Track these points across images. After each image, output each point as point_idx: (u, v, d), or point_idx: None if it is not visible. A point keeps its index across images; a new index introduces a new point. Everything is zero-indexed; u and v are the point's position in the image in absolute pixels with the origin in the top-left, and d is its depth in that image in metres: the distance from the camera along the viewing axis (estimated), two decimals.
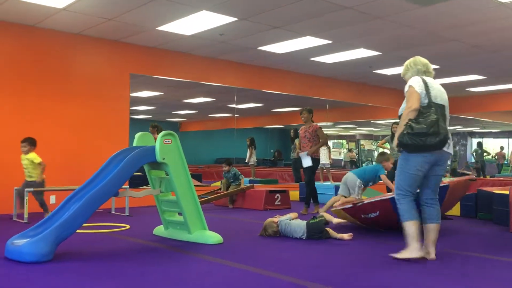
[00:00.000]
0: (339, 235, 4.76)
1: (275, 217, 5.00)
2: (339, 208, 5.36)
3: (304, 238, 4.75)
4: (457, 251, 4.20)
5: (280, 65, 9.36)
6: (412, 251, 3.63)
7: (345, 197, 6.08)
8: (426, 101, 3.67)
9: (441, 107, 3.72)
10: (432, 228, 3.73)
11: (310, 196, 7.02)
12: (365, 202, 5.04)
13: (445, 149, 3.66)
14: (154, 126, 8.45)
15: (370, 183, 6.20)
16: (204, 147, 15.08)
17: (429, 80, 3.81)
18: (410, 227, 3.66)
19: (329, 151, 9.55)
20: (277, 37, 7.29)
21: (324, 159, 9.33)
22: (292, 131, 11.13)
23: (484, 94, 12.37)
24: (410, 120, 3.61)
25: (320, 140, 6.92)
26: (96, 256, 3.93)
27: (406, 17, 6.22)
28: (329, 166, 9.72)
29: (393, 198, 4.85)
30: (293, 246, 4.44)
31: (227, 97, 10.55)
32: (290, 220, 4.92)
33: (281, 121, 14.71)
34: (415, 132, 3.55)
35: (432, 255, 3.69)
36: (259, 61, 9.06)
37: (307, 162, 6.87)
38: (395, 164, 8.07)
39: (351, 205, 5.17)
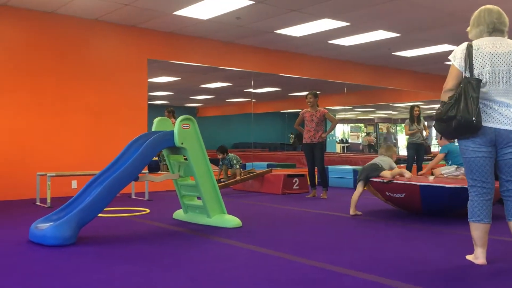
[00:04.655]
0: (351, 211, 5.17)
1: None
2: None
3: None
4: None
5: (297, 48, 9.28)
6: (475, 256, 3.15)
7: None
8: (468, 75, 3.02)
9: (493, 74, 2.99)
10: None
11: (323, 180, 7.06)
12: (394, 181, 5.03)
13: (487, 125, 2.99)
14: (170, 110, 8.76)
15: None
16: (221, 132, 15.09)
17: (484, 41, 3.07)
18: (471, 229, 3.12)
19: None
20: (294, 20, 7.21)
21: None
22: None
23: None
24: (441, 104, 3.05)
25: (332, 123, 7.06)
26: (118, 239, 4.00)
27: None
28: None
29: (423, 186, 4.84)
30: (312, 230, 4.45)
31: (244, 81, 10.51)
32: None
33: (298, 105, 14.63)
34: (438, 118, 3.06)
35: None
36: (276, 45, 8.99)
37: None
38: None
39: (380, 180, 5.16)
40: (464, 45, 3.11)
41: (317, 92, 7.02)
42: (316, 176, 7.15)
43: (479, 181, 3.06)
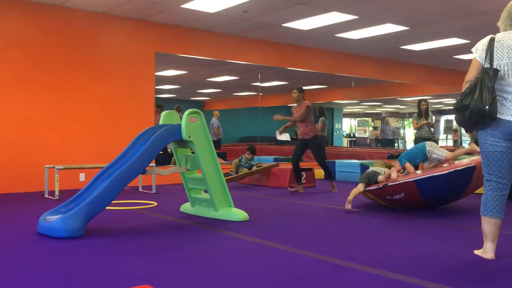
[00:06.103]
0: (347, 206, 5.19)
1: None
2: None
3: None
4: None
5: (305, 42, 9.24)
6: (484, 251, 3.14)
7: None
8: (487, 66, 3.02)
9: (511, 66, 2.97)
10: None
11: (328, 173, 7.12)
12: (389, 184, 5.00)
13: (505, 118, 2.96)
14: (158, 105, 8.72)
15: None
16: (228, 125, 15.10)
17: (507, 34, 3.04)
18: (482, 223, 3.10)
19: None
20: (302, 13, 7.18)
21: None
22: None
23: None
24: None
25: (302, 116, 6.73)
26: (125, 232, 4.02)
27: None
28: None
29: (418, 180, 4.81)
30: (319, 224, 4.46)
31: (251, 75, 10.50)
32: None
33: (306, 99, 14.56)
34: (455, 108, 3.07)
35: None
36: (284, 38, 8.96)
37: (284, 137, 7.21)
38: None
39: (375, 187, 5.14)
40: (488, 37, 3.12)
41: (303, 88, 6.95)
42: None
43: (495, 176, 3.04)
